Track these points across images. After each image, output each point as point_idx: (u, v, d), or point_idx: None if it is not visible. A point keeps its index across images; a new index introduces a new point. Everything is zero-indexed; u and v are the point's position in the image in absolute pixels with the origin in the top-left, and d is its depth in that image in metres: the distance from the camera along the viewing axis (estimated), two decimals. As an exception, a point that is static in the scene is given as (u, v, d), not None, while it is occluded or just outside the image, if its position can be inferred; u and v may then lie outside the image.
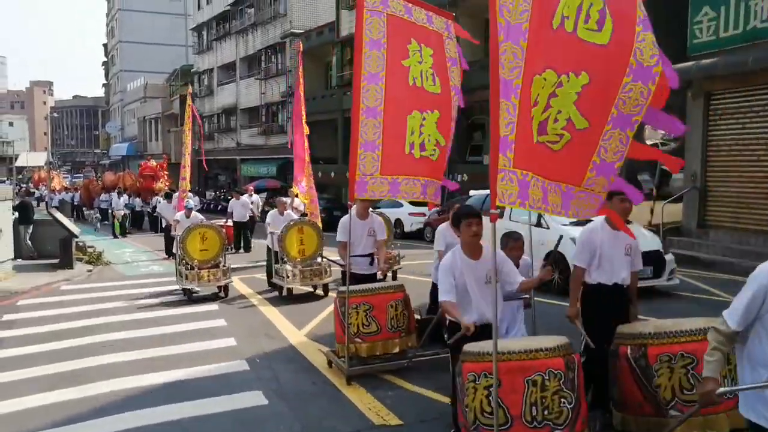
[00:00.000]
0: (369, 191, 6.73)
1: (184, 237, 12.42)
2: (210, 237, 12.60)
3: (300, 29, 38.58)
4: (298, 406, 6.55)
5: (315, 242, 12.34)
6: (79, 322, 10.67)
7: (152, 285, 14.44)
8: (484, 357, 4.52)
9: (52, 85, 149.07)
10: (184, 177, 17.54)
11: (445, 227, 7.93)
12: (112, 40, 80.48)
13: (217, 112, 49.18)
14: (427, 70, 6.81)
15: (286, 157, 39.57)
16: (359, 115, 6.58)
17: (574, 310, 5.65)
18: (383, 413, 6.20)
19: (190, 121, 18.86)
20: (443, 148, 7.02)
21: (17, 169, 74.47)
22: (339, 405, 6.53)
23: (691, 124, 16.46)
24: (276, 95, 40.51)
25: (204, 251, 12.48)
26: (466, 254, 5.24)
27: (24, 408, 6.76)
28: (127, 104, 72.62)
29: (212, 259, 12.56)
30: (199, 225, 12.90)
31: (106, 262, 18.46)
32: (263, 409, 6.54)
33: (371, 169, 6.67)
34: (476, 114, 28.16)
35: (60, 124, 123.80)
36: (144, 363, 8.26)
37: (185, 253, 12.36)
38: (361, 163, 6.63)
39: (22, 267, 16.30)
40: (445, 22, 7.04)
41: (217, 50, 49.43)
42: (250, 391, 7.04)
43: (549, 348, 4.48)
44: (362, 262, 8.15)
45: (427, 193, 7.05)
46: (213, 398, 6.83)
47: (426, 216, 23.27)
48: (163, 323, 10.54)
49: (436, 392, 6.70)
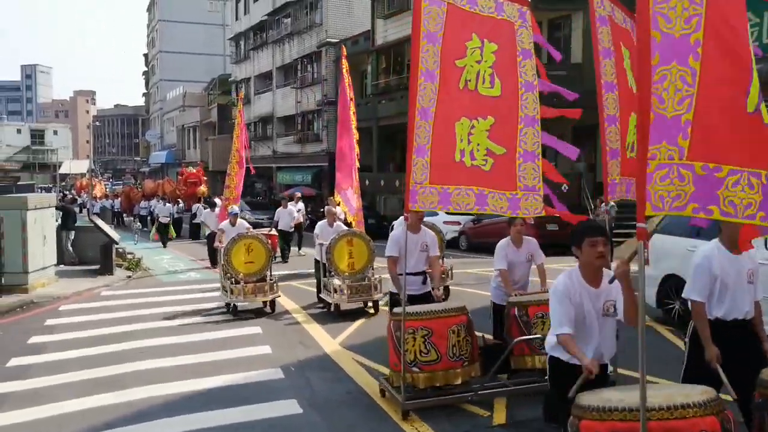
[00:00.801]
0: (419, 202, 6.10)
1: (229, 249, 11.73)
2: (256, 248, 11.83)
3: (335, 38, 38.78)
4: (333, 415, 6.53)
5: (365, 255, 11.55)
6: (118, 328, 10.82)
7: (190, 292, 14.60)
8: (611, 414, 3.56)
9: (95, 94, 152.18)
10: (228, 185, 16.49)
11: (506, 243, 7.55)
12: (153, 50, 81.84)
13: (253, 121, 49.56)
14: (486, 71, 6.11)
15: (321, 165, 39.84)
16: (414, 117, 6.00)
17: (713, 351, 4.60)
18: (417, 424, 6.15)
19: (240, 127, 17.76)
20: (499, 156, 6.12)
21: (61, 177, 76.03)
22: (374, 416, 6.50)
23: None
24: (312, 104, 40.73)
25: (249, 264, 11.76)
26: (586, 279, 4.34)
27: (62, 412, 6.85)
28: (166, 113, 73.69)
29: (258, 272, 11.82)
30: (245, 236, 12.10)
31: (145, 269, 18.71)
32: (298, 418, 6.53)
33: (421, 178, 6.07)
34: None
35: (102, 132, 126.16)
36: (180, 370, 8.32)
37: (230, 266, 11.66)
38: (413, 170, 6.04)
39: (64, 273, 16.58)
40: (519, 9, 6.24)
41: (254, 59, 49.89)
42: (284, 399, 7.05)
43: (699, 403, 3.49)
44: (414, 280, 7.54)
45: (488, 204, 6.14)
46: (248, 406, 6.85)
47: (461, 225, 23.19)
48: (199, 330, 10.64)
49: (471, 404, 6.61)
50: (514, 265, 7.53)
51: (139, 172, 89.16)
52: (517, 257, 7.55)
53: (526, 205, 6.20)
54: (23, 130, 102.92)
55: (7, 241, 13.64)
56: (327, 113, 39.28)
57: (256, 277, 11.80)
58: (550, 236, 17.12)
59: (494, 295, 7.68)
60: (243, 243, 11.81)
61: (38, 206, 14.61)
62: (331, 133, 39.16)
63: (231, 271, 11.67)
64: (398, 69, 33.36)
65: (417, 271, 7.59)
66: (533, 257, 7.64)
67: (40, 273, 14.52)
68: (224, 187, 17.07)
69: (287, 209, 20.04)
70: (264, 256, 11.89)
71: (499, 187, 6.12)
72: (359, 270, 11.50)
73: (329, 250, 11.30)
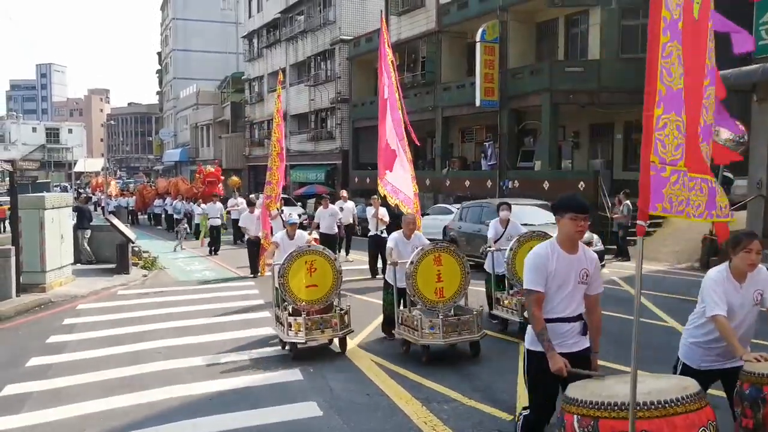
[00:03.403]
0: (665, 198, 3.88)
1: (286, 269, 8.69)
2: (320, 267, 8.86)
3: (349, 36, 38.76)
4: (353, 418, 6.48)
5: (458, 277, 8.64)
6: (135, 328, 10.85)
7: (205, 291, 14.61)
8: None
9: (109, 92, 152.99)
10: (269, 181, 15.63)
11: (724, 275, 4.78)
12: (166, 49, 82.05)
13: (267, 119, 49.58)
14: None
15: (335, 163, 39.84)
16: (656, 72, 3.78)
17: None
18: (440, 428, 6.10)
19: (279, 114, 16.45)
20: None
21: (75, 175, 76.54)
22: (394, 419, 6.44)
23: (756, 130, 15.96)
24: (325, 101, 40.73)
25: (312, 288, 8.82)
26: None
27: (82, 413, 6.85)
28: (179, 111, 73.91)
29: (324, 299, 8.90)
30: (306, 251, 8.98)
31: (161, 267, 18.75)
32: (318, 420, 6.49)
33: (673, 155, 3.90)
34: (528, 119, 27.87)
35: (115, 130, 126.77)
36: (197, 370, 8.32)
37: (286, 291, 8.71)
38: (657, 143, 3.86)
39: (81, 272, 16.64)
40: None
41: (267, 57, 49.92)
42: (304, 402, 7.01)
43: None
44: (569, 330, 4.55)
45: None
46: (267, 408, 6.82)
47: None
48: (215, 330, 10.62)
49: (493, 407, 6.58)
50: (735, 308, 4.64)
51: (153, 170, 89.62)
52: (738, 296, 4.66)
53: (720, 200, 4.32)
54: (38, 128, 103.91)
55: (25, 240, 13.70)
56: (340, 111, 39.27)
57: (321, 305, 8.96)
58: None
59: (688, 354, 4.83)
60: (304, 260, 8.84)
61: (55, 205, 14.67)
62: (344, 131, 39.17)
63: (288, 297, 8.78)
64: (411, 66, 33.27)
65: (573, 315, 4.57)
66: (762, 297, 4.71)
67: (57, 272, 14.58)
68: (265, 183, 16.29)
69: (329, 209, 17.75)
70: (331, 276, 8.92)
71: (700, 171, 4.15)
72: (451, 297, 8.65)
73: (411, 273, 8.46)
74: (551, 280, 4.49)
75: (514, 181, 25.58)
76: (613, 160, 25.62)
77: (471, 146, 33.62)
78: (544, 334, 4.39)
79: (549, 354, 4.33)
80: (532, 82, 25.22)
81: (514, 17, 26.79)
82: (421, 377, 7.70)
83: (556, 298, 4.51)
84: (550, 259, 4.50)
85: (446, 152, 31.41)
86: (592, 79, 23.41)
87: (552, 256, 4.51)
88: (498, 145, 27.44)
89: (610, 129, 26.22)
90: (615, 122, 25.64)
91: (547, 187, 23.48)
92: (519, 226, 10.47)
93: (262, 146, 48.73)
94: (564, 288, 4.51)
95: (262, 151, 48.19)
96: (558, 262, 4.50)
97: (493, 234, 10.40)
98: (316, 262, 8.86)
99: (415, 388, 7.27)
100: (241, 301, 13.16)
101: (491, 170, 27.67)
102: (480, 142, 31.86)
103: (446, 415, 6.44)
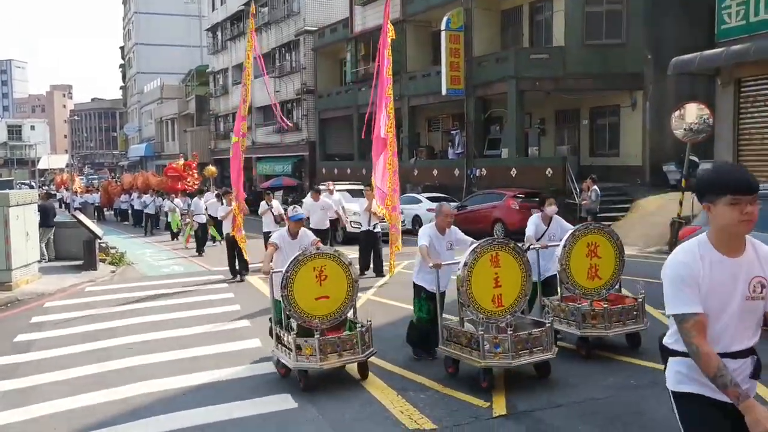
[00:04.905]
0: None
1: (290, 278, 6.96)
2: (331, 273, 7.15)
3: (314, 26, 38.55)
4: (328, 408, 6.45)
5: (518, 280, 7.02)
6: (105, 324, 10.69)
7: (174, 286, 14.44)
8: None
9: (72, 88, 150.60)
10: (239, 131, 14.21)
11: None
12: (129, 43, 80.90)
13: (232, 111, 49.19)
14: None
15: (302, 154, 39.66)
16: None
17: None
18: (416, 417, 6.10)
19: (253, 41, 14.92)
20: None
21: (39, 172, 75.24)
22: (371, 408, 6.43)
23: (720, 113, 16.20)
24: (291, 93, 40.50)
25: (323, 300, 7.14)
26: None
27: (52, 412, 6.73)
28: (144, 105, 73.01)
29: (337, 313, 7.23)
30: (315, 255, 7.19)
31: (129, 263, 18.53)
32: (293, 412, 6.46)
33: None
34: (494, 107, 27.98)
35: (79, 126, 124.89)
36: (169, 366, 8.22)
37: (292, 306, 7.01)
38: None
39: (48, 269, 16.37)
40: None
41: (231, 50, 49.47)
42: (278, 394, 6.97)
43: None
44: (735, 371, 3.06)
45: None
46: (241, 401, 6.77)
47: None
48: (186, 325, 10.48)
49: (470, 395, 6.60)
50: None
51: (118, 165, 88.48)
52: None
53: None
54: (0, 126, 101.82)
55: (-12, 238, 13.43)
56: (306, 102, 39.06)
57: (334, 321, 7.28)
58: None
59: None
60: (312, 266, 7.11)
61: (20, 202, 14.41)
62: (311, 123, 38.97)
63: (295, 313, 7.07)
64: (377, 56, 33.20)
65: (742, 348, 3.13)
66: None
67: (23, 270, 14.33)
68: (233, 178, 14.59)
69: (320, 201, 15.75)
70: (344, 285, 7.25)
71: None
72: (510, 306, 7.01)
73: (465, 278, 6.79)
74: (704, 297, 3.03)
75: (481, 169, 25.69)
76: (579, 146, 25.85)
77: (438, 135, 33.72)
78: (725, 375, 2.88)
79: (744, 405, 2.84)
80: (497, 70, 25.31)
81: (479, 5, 26.86)
82: (397, 367, 7.69)
83: (715, 324, 3.05)
84: (699, 266, 3.04)
85: (413, 142, 31.46)
86: (558, 66, 23.58)
87: (702, 262, 3.05)
88: (465, 134, 27.54)
89: (576, 115, 26.45)
90: (581, 108, 25.86)
91: (514, 175, 23.63)
92: (566, 225, 8.84)
93: (227, 139, 48.27)
94: (726, 308, 3.06)
95: (227, 144, 47.70)
96: (713, 271, 3.04)
97: (533, 232, 8.84)
98: (327, 267, 7.14)
99: (391, 378, 7.27)
100: (211, 295, 13.05)
101: (459, 159, 27.77)
102: (447, 130, 31.98)
103: (422, 403, 6.44)
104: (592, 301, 7.81)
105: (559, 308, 8.09)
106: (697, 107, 16.81)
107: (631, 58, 22.87)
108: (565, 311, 8.02)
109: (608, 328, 7.61)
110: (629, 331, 7.82)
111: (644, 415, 5.94)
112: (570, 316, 7.86)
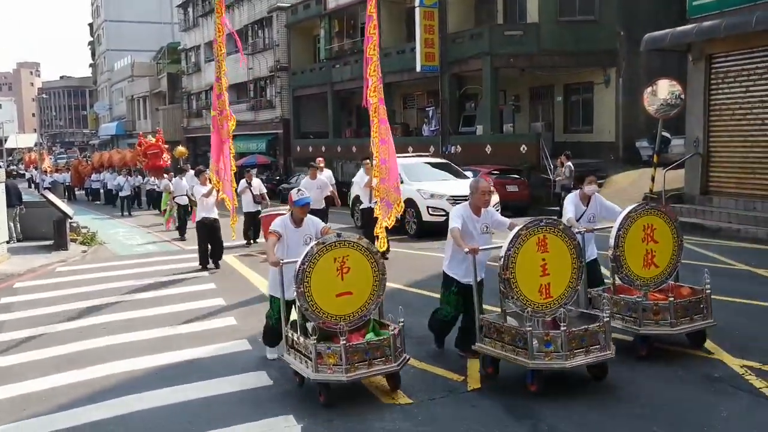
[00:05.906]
0: None
1: (306, 272, 5.90)
2: (355, 265, 6.11)
3: (286, 3, 38.06)
4: (304, 386, 6.42)
5: (568, 267, 6.19)
6: (77, 304, 10.55)
7: (147, 265, 14.30)
8: None
9: (39, 66, 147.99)
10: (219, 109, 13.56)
11: None
12: (98, 20, 79.36)
13: (205, 89, 48.61)
14: None
15: (276, 132, 39.31)
16: None
17: None
18: (394, 393, 6.10)
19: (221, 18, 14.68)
20: None
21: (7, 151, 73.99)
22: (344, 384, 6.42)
23: (692, 89, 16.30)
24: (264, 70, 40.07)
25: (346, 297, 6.09)
26: None
27: (26, 392, 6.67)
28: (114, 83, 71.87)
29: (361, 311, 6.18)
30: (335, 243, 6.06)
31: (101, 243, 18.31)
32: (268, 389, 6.44)
33: None
34: (469, 84, 27.94)
35: (48, 105, 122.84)
36: (144, 344, 8.15)
37: (309, 305, 5.95)
38: None
39: (17, 249, 16.14)
40: None
41: (203, 27, 48.75)
42: (254, 371, 6.94)
43: None
44: None
45: None
46: (217, 379, 6.72)
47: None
48: (159, 304, 10.40)
49: (445, 369, 6.62)
50: None
51: (89, 144, 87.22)
52: None
53: None
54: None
55: (-46, 219, 13.19)
56: (280, 79, 38.67)
57: (358, 321, 6.23)
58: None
59: None
60: (332, 257, 6.04)
61: (-14, 182, 14.14)
62: (285, 100, 38.62)
63: (313, 314, 6.01)
64: (351, 33, 32.93)
65: None
66: None
67: (-9, 251, 14.10)
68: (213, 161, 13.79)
69: (316, 180, 14.63)
70: (370, 278, 6.20)
71: None
72: (559, 297, 6.18)
73: (507, 264, 5.94)
74: None
75: (456, 146, 25.69)
76: (554, 123, 25.94)
77: (413, 112, 33.63)
78: None
79: None
80: (472, 47, 25.24)
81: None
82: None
83: None
84: None
85: (389, 119, 31.30)
86: (532, 43, 23.56)
87: None
88: (440, 111, 27.49)
89: (550, 92, 26.51)
90: (555, 85, 25.92)
91: (489, 152, 23.66)
92: (608, 206, 7.93)
93: (200, 117, 47.85)
94: None
95: (200, 122, 47.31)
96: None
97: (573, 213, 7.82)
98: (350, 258, 6.07)
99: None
100: (185, 274, 12.93)
101: (434, 136, 27.74)
102: (422, 108, 31.90)
103: (398, 377, 6.43)
104: (646, 292, 6.77)
105: (612, 302, 6.86)
106: (668, 83, 16.92)
107: (605, 35, 22.93)
108: (619, 305, 6.87)
109: (674, 325, 6.56)
110: (697, 329, 6.77)
111: (622, 389, 5.98)
112: (625, 310, 6.80)
